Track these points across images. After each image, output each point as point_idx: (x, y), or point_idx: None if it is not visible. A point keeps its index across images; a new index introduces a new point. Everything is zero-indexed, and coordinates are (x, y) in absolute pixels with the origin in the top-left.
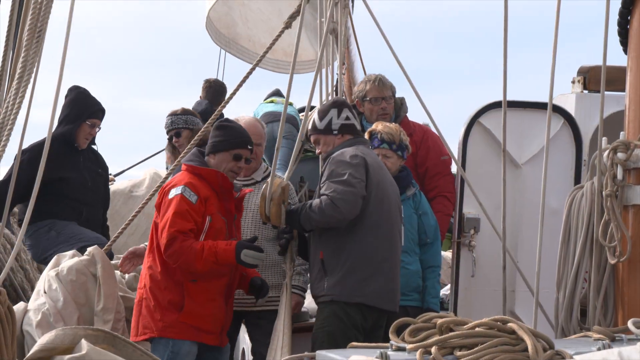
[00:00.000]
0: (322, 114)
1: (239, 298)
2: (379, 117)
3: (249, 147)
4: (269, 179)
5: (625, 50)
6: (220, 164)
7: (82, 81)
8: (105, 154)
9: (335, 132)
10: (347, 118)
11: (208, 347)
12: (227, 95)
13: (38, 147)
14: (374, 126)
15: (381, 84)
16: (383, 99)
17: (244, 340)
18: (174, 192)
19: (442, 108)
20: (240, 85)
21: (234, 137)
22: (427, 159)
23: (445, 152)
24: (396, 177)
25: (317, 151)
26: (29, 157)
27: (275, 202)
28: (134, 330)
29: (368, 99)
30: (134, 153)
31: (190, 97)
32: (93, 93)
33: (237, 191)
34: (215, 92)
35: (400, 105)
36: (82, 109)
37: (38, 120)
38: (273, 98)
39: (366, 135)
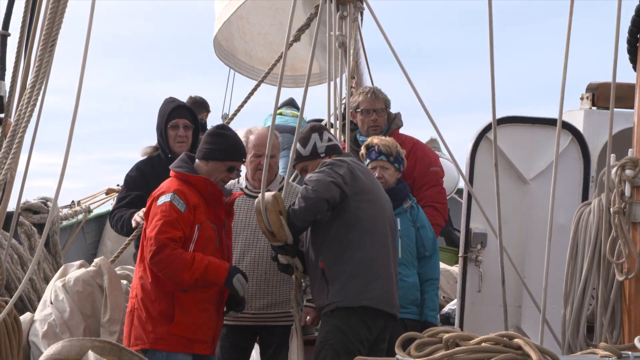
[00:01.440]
0: (304, 140)
1: (254, 313)
2: (370, 129)
3: (243, 159)
4: (259, 197)
5: (635, 68)
6: (213, 172)
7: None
8: (108, 140)
9: (323, 154)
10: (330, 139)
11: (200, 356)
12: (232, 112)
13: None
14: (370, 139)
15: (373, 97)
16: (374, 111)
17: (251, 356)
18: (162, 199)
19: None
20: (243, 104)
21: (231, 147)
22: (414, 170)
23: (437, 164)
24: (393, 189)
25: (305, 178)
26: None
27: (270, 210)
28: (126, 340)
29: (360, 110)
30: (136, 139)
31: (192, 79)
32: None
33: (227, 195)
34: (197, 105)
35: (393, 119)
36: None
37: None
38: (282, 110)
39: (362, 149)
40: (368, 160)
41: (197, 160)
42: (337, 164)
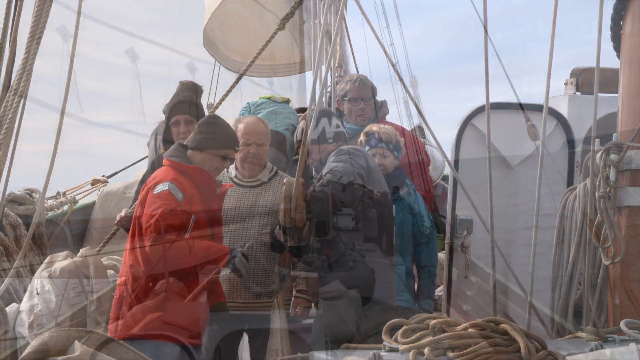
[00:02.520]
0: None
1: (244, 302)
2: (357, 118)
3: (237, 148)
4: (286, 180)
5: (618, 56)
6: (207, 161)
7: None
8: (92, 102)
9: (330, 140)
10: (338, 126)
11: (187, 347)
12: (214, 104)
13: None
14: (368, 127)
15: (361, 85)
16: (362, 99)
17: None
18: (160, 188)
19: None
20: (225, 97)
21: (225, 136)
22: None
23: (423, 152)
24: (389, 175)
25: (309, 161)
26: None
27: (300, 197)
28: (112, 328)
29: (347, 98)
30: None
31: (173, 38)
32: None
33: (218, 187)
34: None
35: (379, 107)
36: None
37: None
38: (271, 95)
39: (362, 136)
40: (367, 147)
41: (189, 150)
42: (356, 154)
